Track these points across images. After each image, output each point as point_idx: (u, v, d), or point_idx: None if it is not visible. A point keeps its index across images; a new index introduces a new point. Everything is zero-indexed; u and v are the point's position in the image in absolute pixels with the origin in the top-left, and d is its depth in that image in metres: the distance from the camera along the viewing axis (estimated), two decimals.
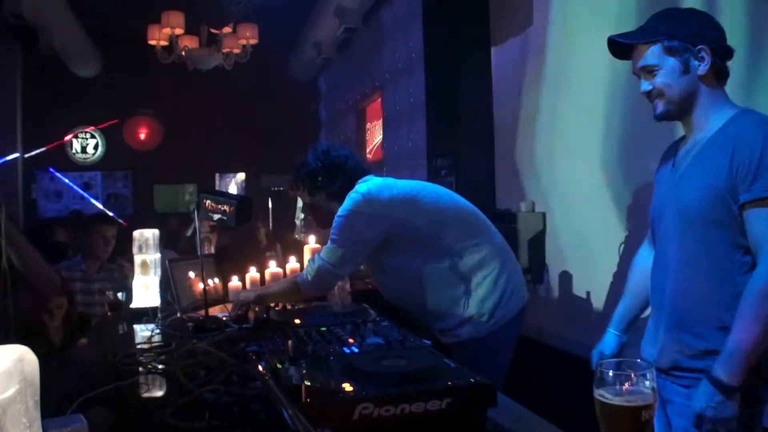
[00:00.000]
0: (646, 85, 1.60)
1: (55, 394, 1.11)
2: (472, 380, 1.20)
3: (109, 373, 1.73)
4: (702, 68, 1.54)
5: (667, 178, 1.67)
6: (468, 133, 4.36)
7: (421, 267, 2.18)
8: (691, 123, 1.61)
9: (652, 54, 1.57)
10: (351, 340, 1.52)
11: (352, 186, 2.23)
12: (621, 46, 1.63)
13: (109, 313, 2.72)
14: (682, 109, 1.59)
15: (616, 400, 0.96)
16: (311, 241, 2.69)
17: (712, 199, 1.50)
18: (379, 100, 6.61)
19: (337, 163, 2.28)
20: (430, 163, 4.80)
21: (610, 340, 1.86)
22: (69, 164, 9.15)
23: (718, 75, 1.57)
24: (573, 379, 1.83)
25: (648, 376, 0.97)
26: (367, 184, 2.21)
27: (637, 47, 1.60)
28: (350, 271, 2.28)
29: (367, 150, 7.10)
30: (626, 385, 0.97)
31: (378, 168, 6.35)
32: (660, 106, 1.60)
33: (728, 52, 1.58)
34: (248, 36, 6.15)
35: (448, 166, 4.47)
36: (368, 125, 7.19)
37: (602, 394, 0.98)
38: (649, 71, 1.58)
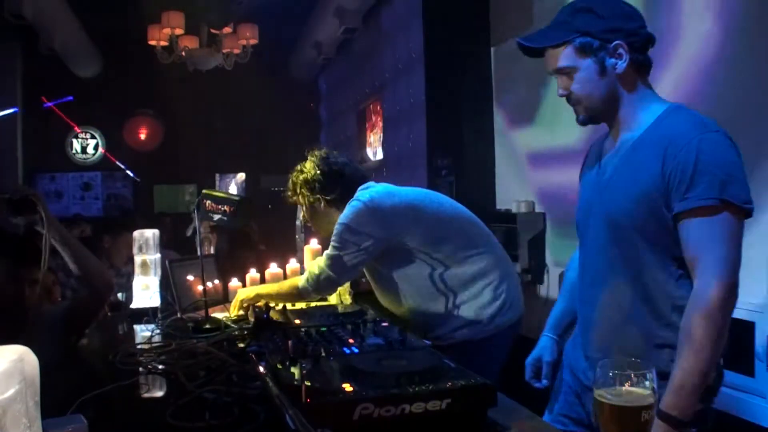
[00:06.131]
0: (562, 90, 1.47)
1: (55, 394, 1.10)
2: (472, 380, 1.20)
3: (109, 373, 1.73)
4: (620, 66, 1.40)
5: (593, 182, 1.53)
6: (468, 133, 4.37)
7: (422, 275, 2.17)
8: (617, 122, 1.47)
9: (565, 57, 1.43)
10: (351, 341, 1.52)
11: (351, 193, 2.22)
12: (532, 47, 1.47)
13: (109, 314, 2.72)
14: (605, 112, 1.46)
15: (616, 401, 0.96)
16: (312, 243, 2.69)
17: (643, 206, 1.37)
18: (379, 100, 6.61)
19: (335, 170, 2.27)
20: (430, 163, 4.81)
21: (548, 344, 1.73)
22: (69, 164, 9.15)
23: (639, 69, 1.43)
24: None
25: (648, 376, 0.97)
26: (369, 192, 2.20)
27: (548, 48, 1.46)
28: (351, 279, 2.29)
29: (366, 150, 7.09)
30: (626, 385, 0.97)
31: (378, 168, 6.35)
32: (581, 113, 1.47)
33: (649, 42, 1.42)
34: (248, 36, 6.16)
35: (448, 166, 4.47)
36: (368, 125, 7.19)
37: (602, 394, 0.98)
38: (565, 74, 1.45)
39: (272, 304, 2.12)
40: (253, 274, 2.65)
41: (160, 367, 1.76)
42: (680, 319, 1.34)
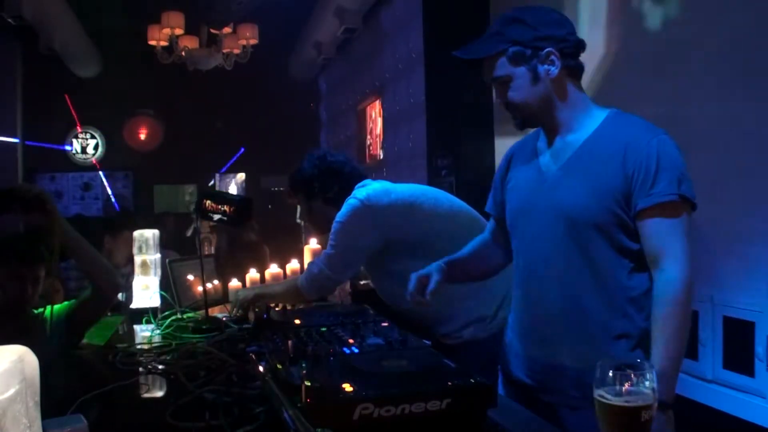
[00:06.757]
0: (500, 99, 1.55)
1: (55, 394, 1.11)
2: (472, 380, 1.19)
3: (109, 373, 1.73)
4: (552, 72, 1.47)
5: (532, 181, 1.57)
6: (468, 133, 4.36)
7: (416, 271, 2.17)
8: (555, 124, 1.53)
9: (500, 66, 1.50)
10: (351, 341, 1.52)
11: (349, 191, 2.22)
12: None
13: (109, 314, 2.72)
14: (540, 115, 1.53)
15: (616, 400, 0.97)
16: (311, 243, 2.70)
17: (602, 202, 1.42)
18: (379, 100, 6.60)
19: (333, 168, 2.28)
20: (430, 163, 4.80)
21: (439, 267, 1.71)
22: (69, 164, 9.15)
23: (572, 74, 1.51)
24: None
25: (648, 376, 0.97)
26: (366, 190, 2.21)
27: (484, 59, 1.53)
28: (349, 277, 2.29)
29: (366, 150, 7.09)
30: (626, 385, 0.97)
31: (378, 168, 6.35)
32: (518, 117, 1.55)
33: (579, 47, 1.50)
34: (248, 36, 6.16)
35: (448, 166, 4.47)
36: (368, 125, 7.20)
37: (602, 394, 0.98)
38: (501, 83, 1.52)
39: (272, 304, 2.13)
40: (253, 274, 2.65)
41: (160, 367, 1.76)
42: (635, 310, 1.44)
